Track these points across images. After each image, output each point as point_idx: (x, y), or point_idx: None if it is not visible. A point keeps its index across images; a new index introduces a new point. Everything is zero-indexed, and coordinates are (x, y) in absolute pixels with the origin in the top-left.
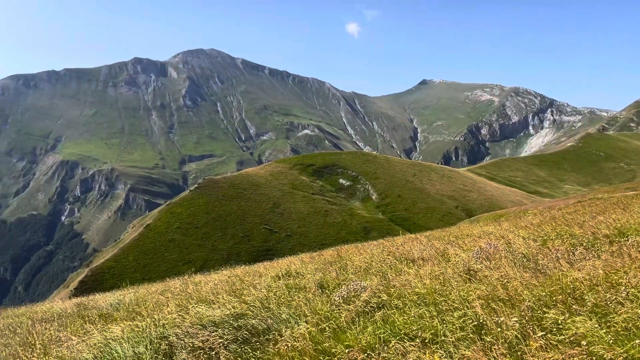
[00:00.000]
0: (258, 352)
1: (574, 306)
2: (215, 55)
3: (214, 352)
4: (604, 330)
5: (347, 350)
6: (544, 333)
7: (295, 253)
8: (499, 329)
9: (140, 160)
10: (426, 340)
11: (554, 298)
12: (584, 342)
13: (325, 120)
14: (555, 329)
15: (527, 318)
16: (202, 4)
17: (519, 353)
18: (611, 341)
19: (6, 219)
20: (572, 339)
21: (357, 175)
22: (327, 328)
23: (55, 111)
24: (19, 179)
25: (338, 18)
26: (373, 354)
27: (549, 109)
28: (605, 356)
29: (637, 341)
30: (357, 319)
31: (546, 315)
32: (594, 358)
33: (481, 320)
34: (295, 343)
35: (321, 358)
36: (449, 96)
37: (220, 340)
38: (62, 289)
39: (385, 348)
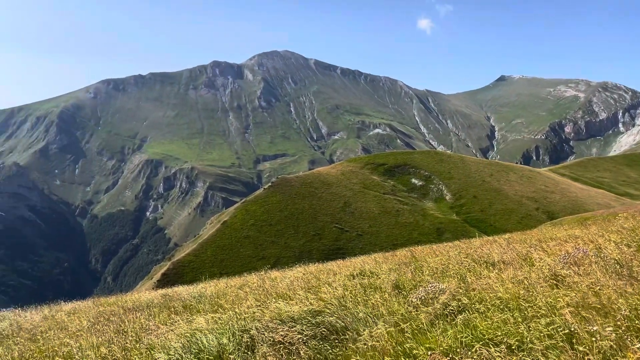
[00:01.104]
0: (337, 349)
1: None
2: (289, 57)
3: (294, 347)
4: None
5: (428, 353)
6: None
7: (366, 253)
8: (593, 339)
9: (218, 160)
10: (512, 347)
11: None
12: None
13: (397, 119)
14: None
15: (623, 328)
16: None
17: None
18: None
19: (97, 214)
20: None
21: (430, 175)
22: (406, 329)
23: (141, 113)
24: (109, 177)
25: (409, 15)
26: (455, 358)
27: None
28: None
29: None
30: (436, 321)
31: None
32: None
33: (572, 329)
34: (374, 342)
35: (402, 359)
36: (530, 92)
37: (299, 336)
38: (147, 280)
39: (469, 353)
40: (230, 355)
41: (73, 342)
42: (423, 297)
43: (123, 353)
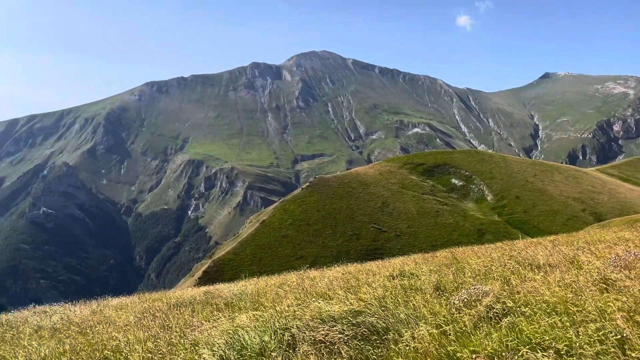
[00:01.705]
0: (378, 350)
1: None
2: (327, 57)
3: (335, 347)
4: None
5: (472, 356)
6: None
7: (405, 253)
8: None
9: (257, 160)
10: (561, 352)
11: None
12: None
13: (436, 118)
14: None
15: None
16: (316, 7)
17: None
18: None
19: (142, 213)
20: None
21: (470, 175)
22: (449, 331)
23: (183, 114)
24: (153, 177)
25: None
26: None
27: None
28: None
29: None
30: (480, 324)
31: None
32: None
33: (624, 335)
34: (416, 344)
35: None
36: (576, 90)
37: (340, 336)
38: (188, 278)
39: (515, 357)
40: (272, 353)
41: (121, 336)
42: (466, 300)
43: (169, 348)
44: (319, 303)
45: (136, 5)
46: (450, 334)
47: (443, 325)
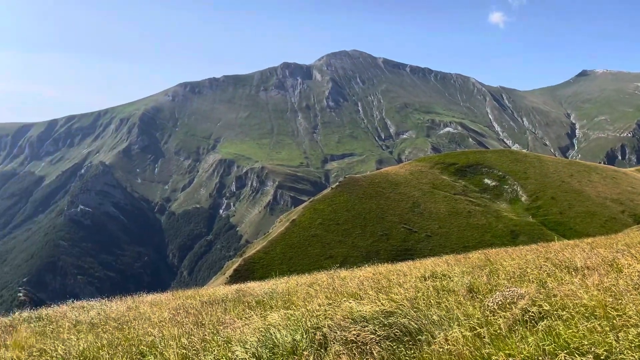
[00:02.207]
0: (411, 351)
1: None
2: (357, 56)
3: (367, 347)
4: None
5: (508, 359)
6: None
7: (436, 254)
8: None
9: (287, 159)
10: (600, 357)
11: None
12: None
13: (469, 117)
14: None
15: None
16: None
17: None
18: None
19: (175, 211)
20: None
21: (504, 175)
22: (484, 334)
23: (215, 114)
24: (185, 176)
25: (480, 9)
26: None
27: None
28: None
29: None
30: (515, 327)
31: None
32: None
33: None
34: (450, 346)
35: None
36: (615, 87)
37: (372, 336)
38: (219, 276)
39: None
40: (303, 352)
41: (156, 332)
42: (500, 302)
43: (202, 344)
44: (350, 303)
45: (169, 9)
46: (484, 337)
47: (477, 327)
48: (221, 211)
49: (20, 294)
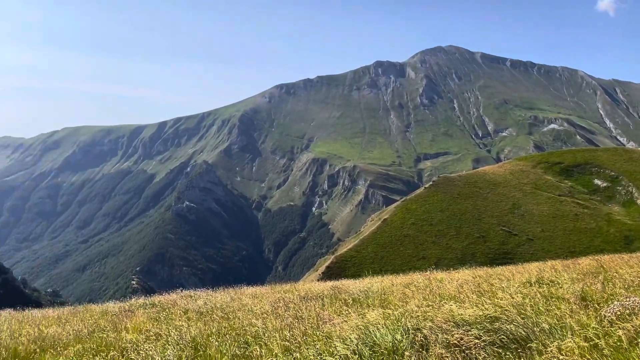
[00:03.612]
0: (520, 359)
1: None
2: (454, 52)
3: (471, 352)
4: None
5: None
6: None
7: (538, 259)
8: None
9: (378, 158)
10: None
11: None
12: None
13: (576, 113)
14: None
15: None
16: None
17: None
18: None
19: (271, 208)
20: None
21: (617, 176)
22: (602, 345)
23: (308, 114)
24: (280, 174)
25: None
26: None
27: None
28: None
29: None
30: (637, 340)
31: None
32: None
33: None
34: (564, 357)
35: None
36: None
37: (476, 341)
38: (312, 272)
39: None
40: (405, 352)
41: (259, 323)
42: (619, 312)
43: (304, 338)
44: (451, 305)
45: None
46: (603, 349)
47: (594, 338)
48: (314, 209)
49: (134, 282)
